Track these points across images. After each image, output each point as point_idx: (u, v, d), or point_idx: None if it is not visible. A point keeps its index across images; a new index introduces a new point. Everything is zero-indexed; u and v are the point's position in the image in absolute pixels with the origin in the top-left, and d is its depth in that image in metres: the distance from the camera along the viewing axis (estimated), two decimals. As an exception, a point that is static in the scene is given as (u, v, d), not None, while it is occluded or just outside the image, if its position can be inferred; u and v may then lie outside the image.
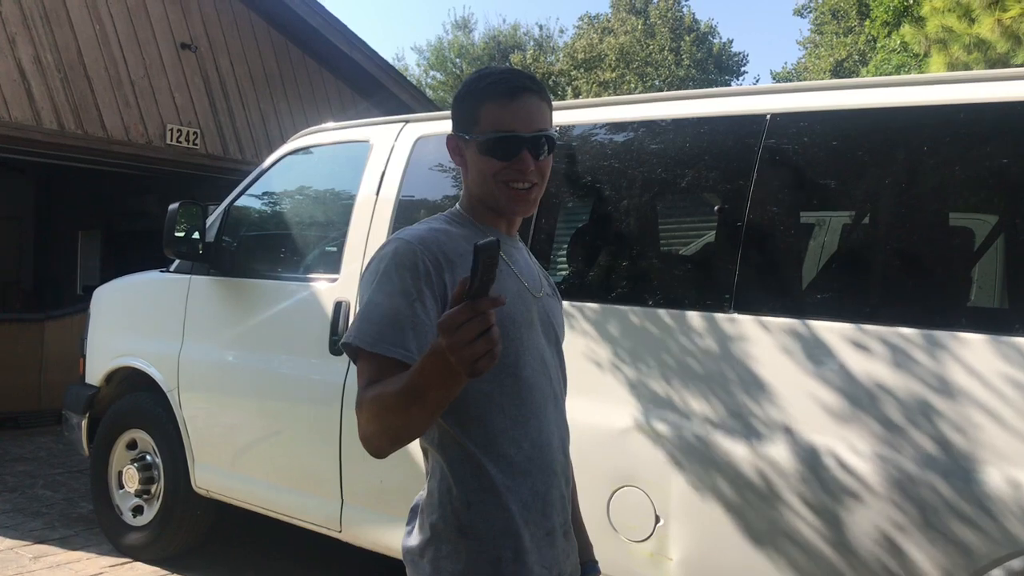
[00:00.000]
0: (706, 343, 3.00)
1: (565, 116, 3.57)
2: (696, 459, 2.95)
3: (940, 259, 2.87)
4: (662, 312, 3.12)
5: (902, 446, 2.61)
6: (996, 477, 2.45)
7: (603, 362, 3.20)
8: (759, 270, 3.03)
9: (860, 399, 2.69)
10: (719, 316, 2.98)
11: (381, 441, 1.61)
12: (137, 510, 4.89)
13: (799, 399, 2.80)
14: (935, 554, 2.52)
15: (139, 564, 4.78)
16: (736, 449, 2.88)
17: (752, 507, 2.84)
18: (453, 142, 1.82)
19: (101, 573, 4.67)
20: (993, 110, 2.68)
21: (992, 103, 2.68)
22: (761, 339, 2.88)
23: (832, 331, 2.77)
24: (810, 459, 2.74)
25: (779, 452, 2.80)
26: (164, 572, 4.69)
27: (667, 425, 3.03)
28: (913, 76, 3.04)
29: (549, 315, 1.89)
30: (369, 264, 1.74)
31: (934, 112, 2.80)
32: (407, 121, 4.10)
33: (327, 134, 4.49)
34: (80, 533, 5.30)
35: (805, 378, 2.79)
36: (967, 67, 8.87)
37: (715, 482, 2.91)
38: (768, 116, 3.06)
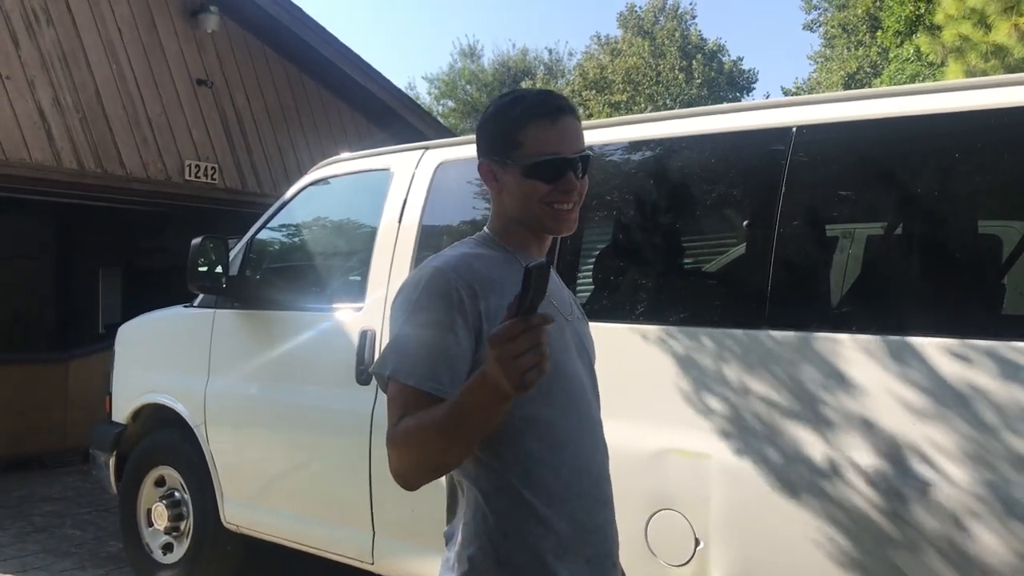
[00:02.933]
0: (740, 360, 2.95)
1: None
2: (734, 480, 2.90)
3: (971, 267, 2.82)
4: (695, 330, 3.08)
5: (946, 461, 2.55)
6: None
7: (637, 383, 3.16)
8: (792, 285, 2.99)
9: (900, 413, 2.64)
10: (753, 333, 2.93)
11: (417, 474, 1.59)
12: (167, 547, 4.86)
13: (836, 416, 2.75)
14: None
15: (170, 602, 4.75)
16: (774, 469, 2.82)
17: (792, 528, 2.78)
18: (487, 167, 1.79)
19: (132, 612, 4.64)
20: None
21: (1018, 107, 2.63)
22: (796, 355, 2.84)
23: (868, 345, 2.71)
24: (850, 478, 2.69)
25: (817, 471, 2.74)
26: (196, 609, 4.65)
27: (704, 446, 2.98)
28: (936, 84, 3.01)
29: (582, 338, 1.87)
30: (401, 290, 1.71)
31: (960, 119, 2.76)
32: (427, 148, 4.09)
33: (347, 163, 4.49)
34: (110, 572, 5.27)
35: (843, 395, 2.74)
36: (985, 75, 8.81)
37: (754, 503, 2.85)
38: (794, 128, 3.03)
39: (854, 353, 2.73)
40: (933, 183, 2.88)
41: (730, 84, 32.05)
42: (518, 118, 1.73)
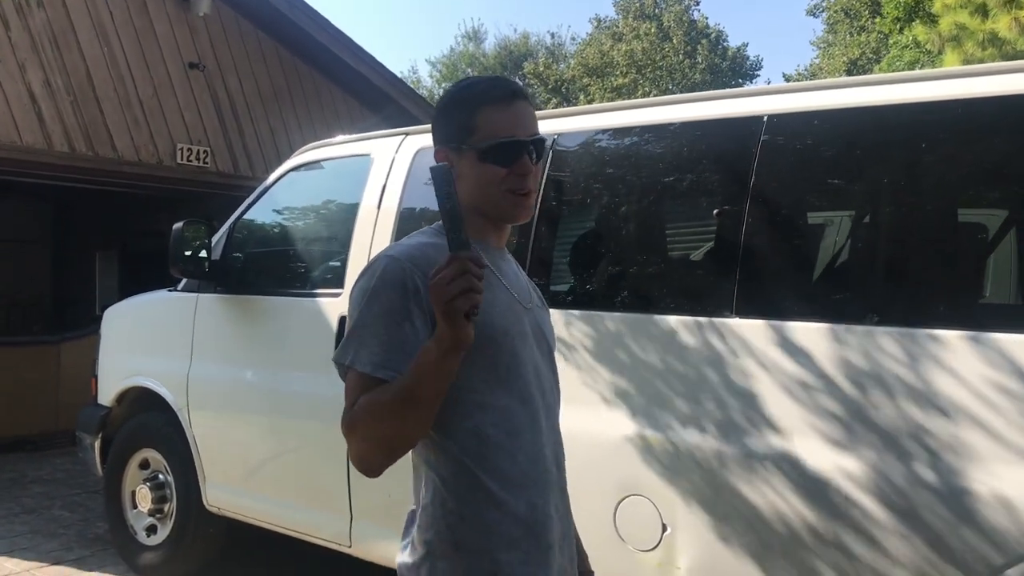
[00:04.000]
0: (709, 349, 2.96)
1: (557, 124, 3.57)
2: (701, 467, 2.92)
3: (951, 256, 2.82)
4: (664, 318, 3.09)
5: (912, 452, 2.56)
6: None
7: (606, 371, 3.17)
8: (760, 274, 3.00)
9: (869, 405, 2.65)
10: (721, 321, 2.95)
11: (375, 455, 1.62)
12: (151, 529, 4.90)
13: (804, 405, 2.76)
14: (938, 562, 2.47)
15: (154, 583, 4.79)
16: (742, 456, 2.84)
17: (759, 514, 2.80)
18: (442, 155, 1.79)
19: (116, 593, 4.69)
20: (991, 104, 2.64)
21: (991, 97, 2.63)
22: (763, 343, 2.85)
23: (838, 333, 2.73)
24: (817, 466, 2.70)
25: (785, 459, 2.76)
26: (178, 591, 4.70)
27: (672, 433, 3.00)
28: (907, 73, 3.00)
29: (541, 326, 1.88)
30: (357, 281, 1.72)
31: (932, 108, 2.76)
32: (407, 134, 4.09)
33: (328, 149, 4.49)
34: (96, 554, 5.31)
35: (810, 383, 2.75)
36: (982, 63, 8.79)
37: (721, 489, 2.88)
38: (765, 117, 3.03)
39: (825, 342, 2.74)
40: (903, 172, 2.88)
41: (733, 71, 31.90)
42: (471, 103, 1.74)
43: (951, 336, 2.53)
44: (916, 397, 2.56)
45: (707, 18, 32.51)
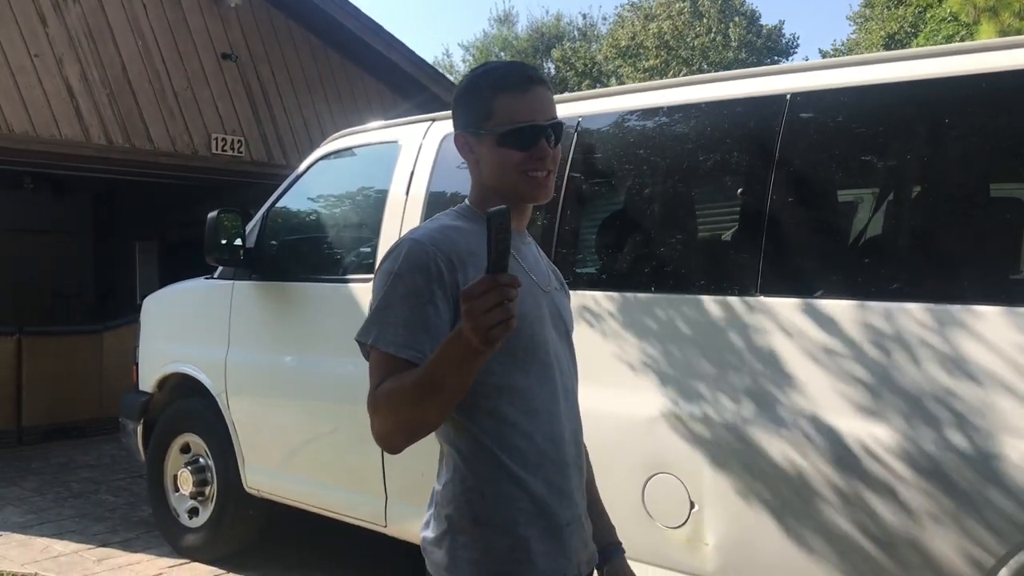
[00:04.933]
0: (734, 327, 2.98)
1: (577, 107, 3.59)
2: (728, 444, 2.94)
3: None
4: (689, 298, 3.11)
5: (941, 419, 2.56)
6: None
7: (633, 350, 3.20)
8: (785, 252, 3.00)
9: (896, 377, 2.65)
10: (746, 299, 2.96)
11: (397, 437, 1.64)
12: (193, 512, 5.02)
13: (830, 379, 2.77)
14: (964, 541, 2.48)
15: (197, 564, 4.91)
16: (767, 434, 2.86)
17: (786, 491, 2.82)
18: (462, 140, 1.83)
19: (160, 574, 4.81)
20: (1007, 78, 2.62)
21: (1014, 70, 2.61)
22: (788, 322, 2.86)
23: (865, 310, 2.73)
24: (843, 443, 2.72)
25: (811, 436, 2.78)
26: (220, 571, 4.81)
27: (699, 411, 3.02)
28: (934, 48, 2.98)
29: (559, 309, 1.90)
30: (381, 264, 1.75)
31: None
32: (434, 120, 4.13)
33: (357, 136, 4.55)
34: (141, 536, 5.45)
35: (837, 358, 2.76)
36: (1019, 32, 8.62)
37: (748, 467, 2.90)
38: (788, 96, 3.03)
39: (852, 318, 2.74)
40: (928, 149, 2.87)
41: (769, 48, 31.48)
42: (489, 89, 1.77)
43: (986, 311, 2.52)
44: (943, 368, 2.56)
45: (742, -5, 32.12)
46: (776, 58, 31.49)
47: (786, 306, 2.87)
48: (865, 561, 2.67)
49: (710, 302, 3.05)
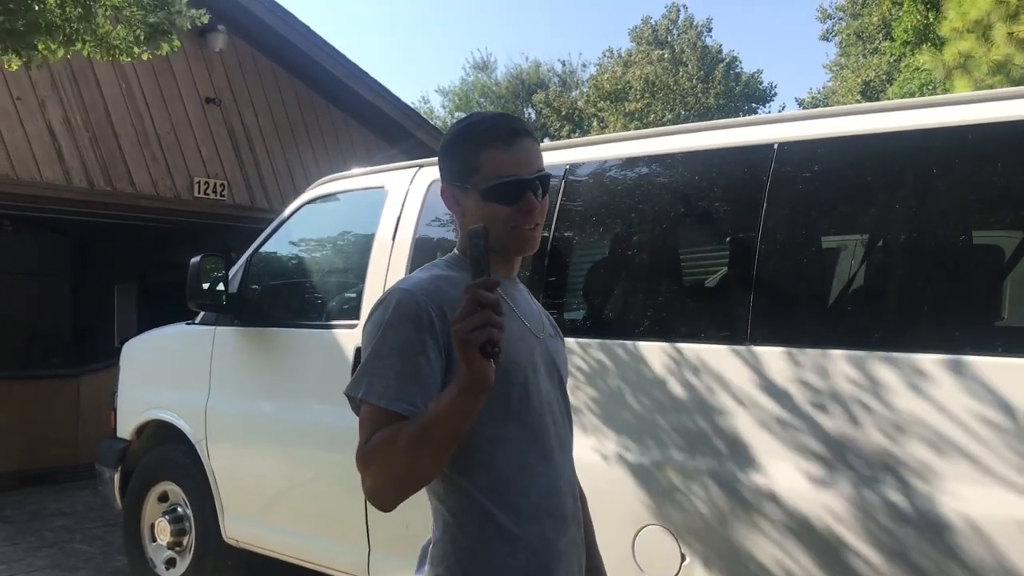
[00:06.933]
0: (724, 377, 2.96)
1: (565, 155, 3.61)
2: (717, 495, 2.91)
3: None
4: (679, 346, 3.09)
5: (932, 478, 2.55)
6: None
7: (623, 399, 3.17)
8: (774, 301, 3.00)
9: (881, 431, 2.64)
10: (736, 348, 2.95)
11: (388, 492, 1.61)
12: (170, 562, 4.91)
13: (822, 432, 2.75)
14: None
15: (173, 617, 4.79)
16: (758, 484, 2.83)
17: (777, 543, 2.78)
18: (449, 192, 1.82)
19: (135, 627, 4.68)
20: (995, 129, 2.65)
21: (996, 122, 2.64)
22: (779, 371, 2.85)
23: (851, 360, 2.72)
24: (833, 493, 2.69)
25: (801, 486, 2.75)
26: (197, 624, 4.69)
27: (688, 462, 2.99)
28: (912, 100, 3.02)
29: (553, 356, 1.88)
30: (371, 315, 1.73)
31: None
32: (421, 166, 4.13)
33: (344, 182, 4.54)
34: (115, 587, 5.32)
35: (828, 411, 2.75)
36: (991, 88, 8.78)
37: (738, 518, 2.86)
38: (776, 145, 3.04)
39: (846, 369, 2.73)
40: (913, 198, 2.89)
41: (747, 96, 31.94)
42: (474, 143, 1.75)
43: (971, 361, 2.52)
44: (938, 425, 2.55)
45: (721, 45, 32.64)
46: (754, 105, 31.93)
47: (776, 355, 2.86)
48: (859, 615, 2.63)
49: (701, 350, 3.03)
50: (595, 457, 3.09)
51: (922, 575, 2.52)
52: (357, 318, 4.00)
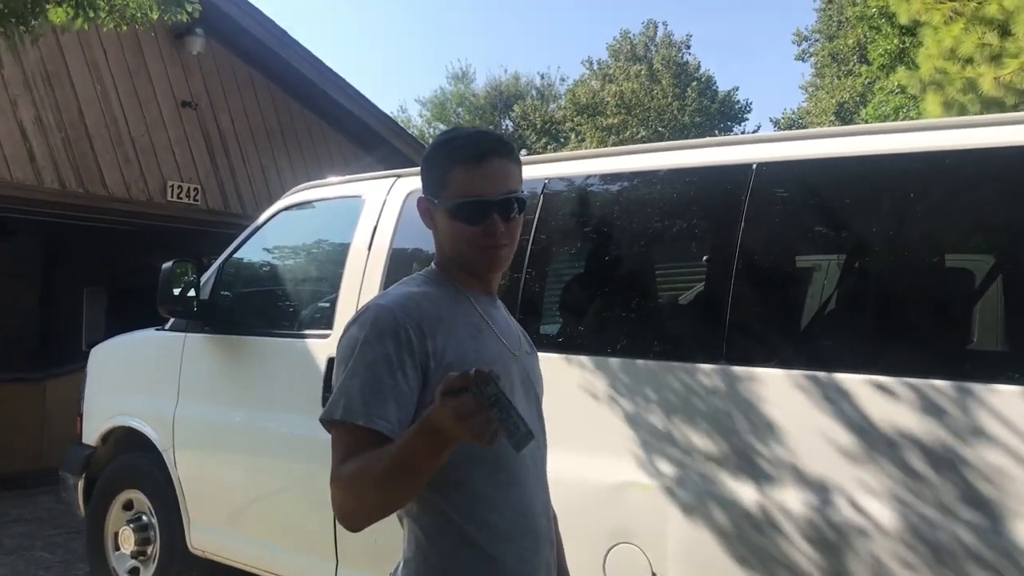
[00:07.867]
0: (699, 395, 2.96)
1: (544, 170, 3.60)
2: (690, 514, 2.90)
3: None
4: (654, 364, 3.08)
5: (903, 499, 2.55)
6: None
7: (596, 416, 3.16)
8: (750, 320, 3.00)
9: (860, 452, 2.64)
10: (712, 367, 2.94)
11: (361, 517, 1.59)
12: (133, 572, 4.82)
13: (793, 452, 2.75)
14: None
15: (135, 628, 4.71)
16: (731, 503, 2.83)
17: (747, 562, 2.78)
18: (423, 204, 1.81)
19: (96, 638, 4.60)
20: (972, 156, 2.68)
21: (972, 149, 2.67)
22: (754, 391, 2.84)
23: (825, 381, 2.73)
24: (806, 512, 2.69)
25: (775, 506, 2.75)
26: (160, 636, 4.61)
27: (661, 480, 2.98)
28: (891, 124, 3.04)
29: (529, 374, 1.87)
30: (347, 329, 1.71)
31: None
32: (398, 176, 4.11)
33: (320, 190, 4.50)
34: (76, 596, 5.23)
35: (801, 430, 2.75)
36: (962, 107, 8.90)
37: (711, 537, 2.85)
38: (754, 166, 3.05)
39: (813, 389, 2.74)
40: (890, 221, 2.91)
41: (722, 114, 32.18)
42: (445, 159, 1.74)
43: (942, 385, 2.53)
44: (909, 446, 2.56)
45: (699, 61, 32.89)
46: (729, 123, 32.17)
47: (752, 375, 2.86)
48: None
49: (674, 368, 3.03)
50: (568, 473, 3.06)
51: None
52: (330, 328, 3.96)
